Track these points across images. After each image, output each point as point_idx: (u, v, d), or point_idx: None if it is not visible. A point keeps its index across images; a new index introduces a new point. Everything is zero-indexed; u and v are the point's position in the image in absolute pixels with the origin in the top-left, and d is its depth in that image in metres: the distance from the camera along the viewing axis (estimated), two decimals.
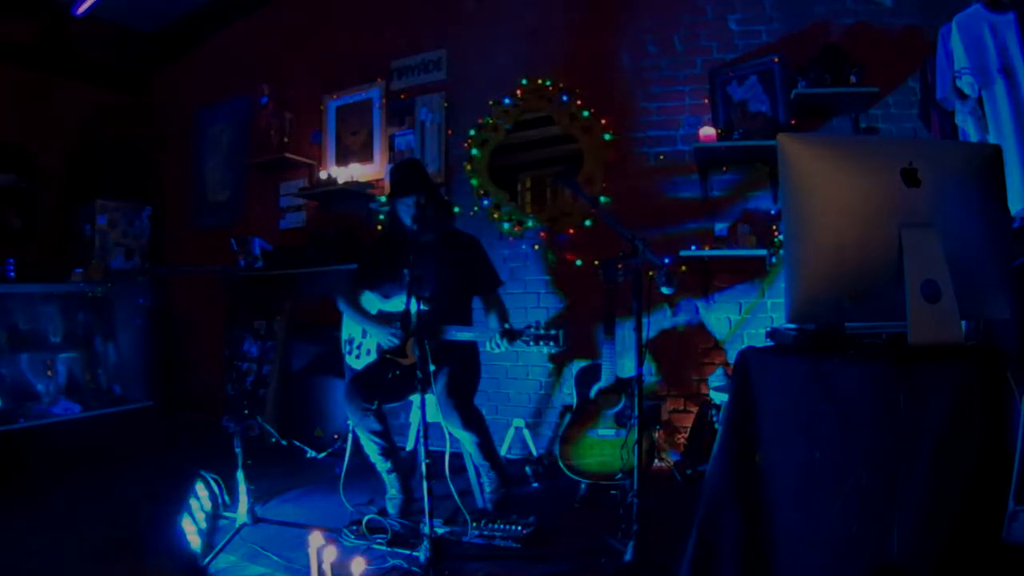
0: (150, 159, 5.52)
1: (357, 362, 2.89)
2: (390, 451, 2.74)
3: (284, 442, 3.85)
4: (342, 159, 4.53)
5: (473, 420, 2.70)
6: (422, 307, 2.27)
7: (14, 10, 4.54)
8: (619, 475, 2.78)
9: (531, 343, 2.40)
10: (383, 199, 4.23)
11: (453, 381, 2.69)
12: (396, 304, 2.78)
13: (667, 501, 2.86)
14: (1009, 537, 1.13)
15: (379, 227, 4.26)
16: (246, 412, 4.15)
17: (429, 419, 2.27)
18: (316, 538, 1.84)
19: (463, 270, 2.84)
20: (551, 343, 2.38)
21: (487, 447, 2.76)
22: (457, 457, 2.74)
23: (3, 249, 4.19)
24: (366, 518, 2.59)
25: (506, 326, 2.49)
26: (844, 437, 1.30)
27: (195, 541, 2.39)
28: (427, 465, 2.18)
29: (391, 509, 2.75)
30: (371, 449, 2.73)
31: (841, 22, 3.33)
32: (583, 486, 2.95)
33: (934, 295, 1.24)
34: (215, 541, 2.50)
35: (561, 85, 3.86)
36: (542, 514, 2.58)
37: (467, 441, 2.73)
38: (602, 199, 3.68)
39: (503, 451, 3.62)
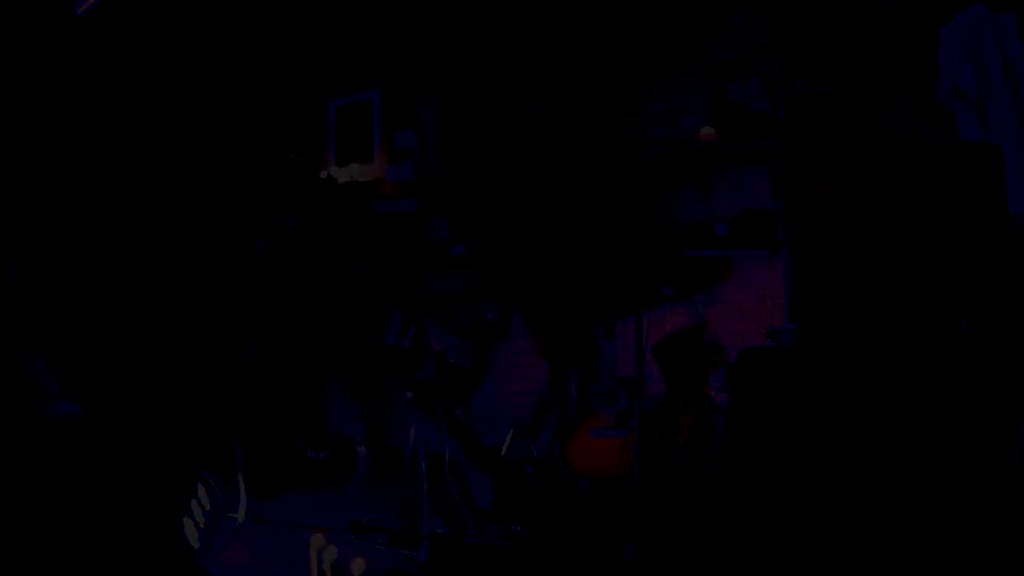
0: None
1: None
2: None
3: (284, 442, 3.85)
4: (342, 159, 4.53)
5: (456, 429, 2.72)
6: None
7: (13, 10, 4.54)
8: (619, 475, 2.78)
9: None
10: (381, 200, 4.25)
11: (442, 391, 2.70)
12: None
13: (667, 501, 2.86)
14: (1010, 536, 1.14)
15: (392, 236, 4.22)
16: (247, 412, 4.15)
17: None
18: (316, 538, 1.84)
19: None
20: None
21: (477, 451, 2.78)
22: None
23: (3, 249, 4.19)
24: (366, 518, 2.59)
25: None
26: (846, 436, 1.31)
27: (195, 541, 2.39)
28: (426, 465, 2.19)
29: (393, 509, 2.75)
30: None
31: (841, 21, 3.32)
32: (583, 486, 2.95)
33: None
34: (215, 541, 2.50)
35: (561, 85, 3.86)
36: (542, 514, 2.59)
37: (455, 451, 2.74)
38: (601, 199, 3.68)
39: (503, 451, 3.62)
